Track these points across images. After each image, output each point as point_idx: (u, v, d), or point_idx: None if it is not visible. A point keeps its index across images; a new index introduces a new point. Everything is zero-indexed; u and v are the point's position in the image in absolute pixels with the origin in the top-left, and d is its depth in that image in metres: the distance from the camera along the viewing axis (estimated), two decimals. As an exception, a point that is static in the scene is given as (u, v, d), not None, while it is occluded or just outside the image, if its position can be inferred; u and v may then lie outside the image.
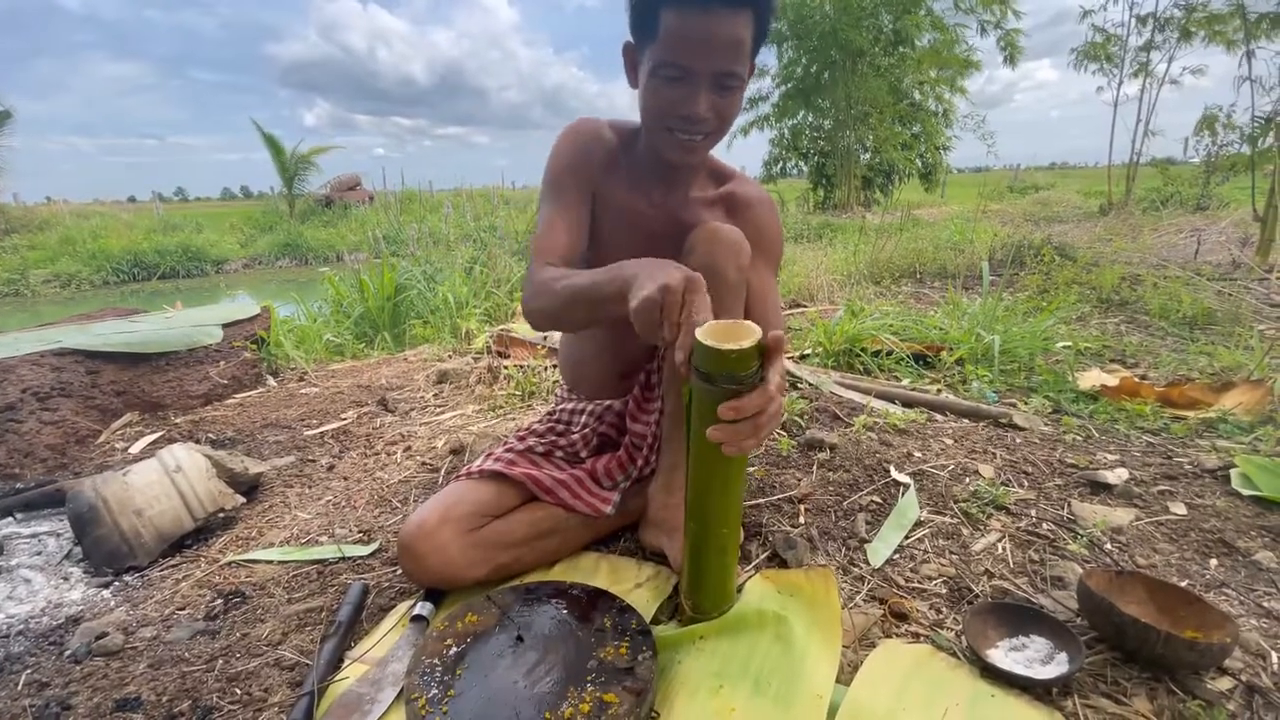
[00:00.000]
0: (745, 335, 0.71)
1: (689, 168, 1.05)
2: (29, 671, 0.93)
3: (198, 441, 1.75)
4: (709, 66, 0.90)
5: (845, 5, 10.22)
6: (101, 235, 10.78)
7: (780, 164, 13.10)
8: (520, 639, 0.86)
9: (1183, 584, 0.97)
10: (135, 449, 1.74)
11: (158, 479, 1.26)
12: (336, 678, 0.85)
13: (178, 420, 1.96)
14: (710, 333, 0.72)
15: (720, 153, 1.14)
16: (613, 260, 1.09)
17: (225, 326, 2.37)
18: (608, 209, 1.08)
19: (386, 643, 0.91)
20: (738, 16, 0.88)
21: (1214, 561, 1.05)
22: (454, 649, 0.85)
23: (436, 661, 0.82)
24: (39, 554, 1.25)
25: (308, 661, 0.90)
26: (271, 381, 2.39)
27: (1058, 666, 0.81)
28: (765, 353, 0.72)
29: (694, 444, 0.81)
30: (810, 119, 12.64)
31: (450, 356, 2.57)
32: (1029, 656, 0.83)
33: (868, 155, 12.18)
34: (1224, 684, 0.79)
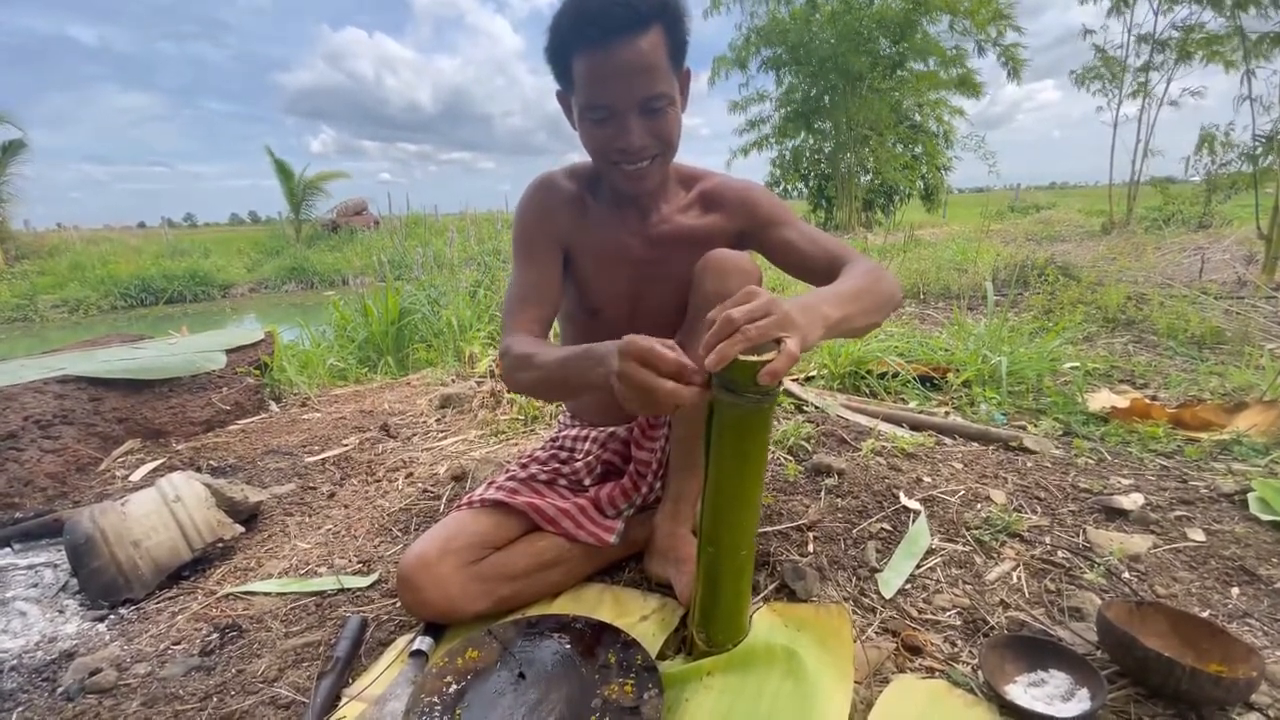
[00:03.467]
0: (765, 348, 0.70)
1: (647, 194, 1.04)
2: (21, 709, 0.91)
3: (198, 469, 1.73)
4: (630, 98, 0.89)
5: (845, 31, 10.37)
6: (110, 261, 10.91)
7: (781, 185, 13.20)
8: (522, 676, 0.84)
9: (1205, 614, 0.95)
10: (136, 477, 1.73)
11: (156, 509, 1.24)
12: (333, 717, 0.83)
13: (179, 447, 1.95)
14: None
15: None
16: (606, 298, 1.07)
17: (229, 352, 2.37)
18: (587, 252, 1.08)
19: (385, 679, 0.89)
20: (644, 39, 0.86)
21: (1235, 590, 1.02)
22: (454, 686, 0.82)
23: (436, 700, 0.80)
24: (35, 586, 1.24)
25: (304, 700, 0.87)
26: (274, 407, 2.39)
27: (1079, 704, 0.78)
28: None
29: (713, 460, 0.80)
30: (810, 141, 12.76)
31: (453, 380, 2.57)
32: (1049, 693, 0.80)
33: (868, 177, 12.27)
34: (1252, 720, 0.76)
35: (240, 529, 1.34)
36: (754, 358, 0.68)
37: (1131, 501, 1.25)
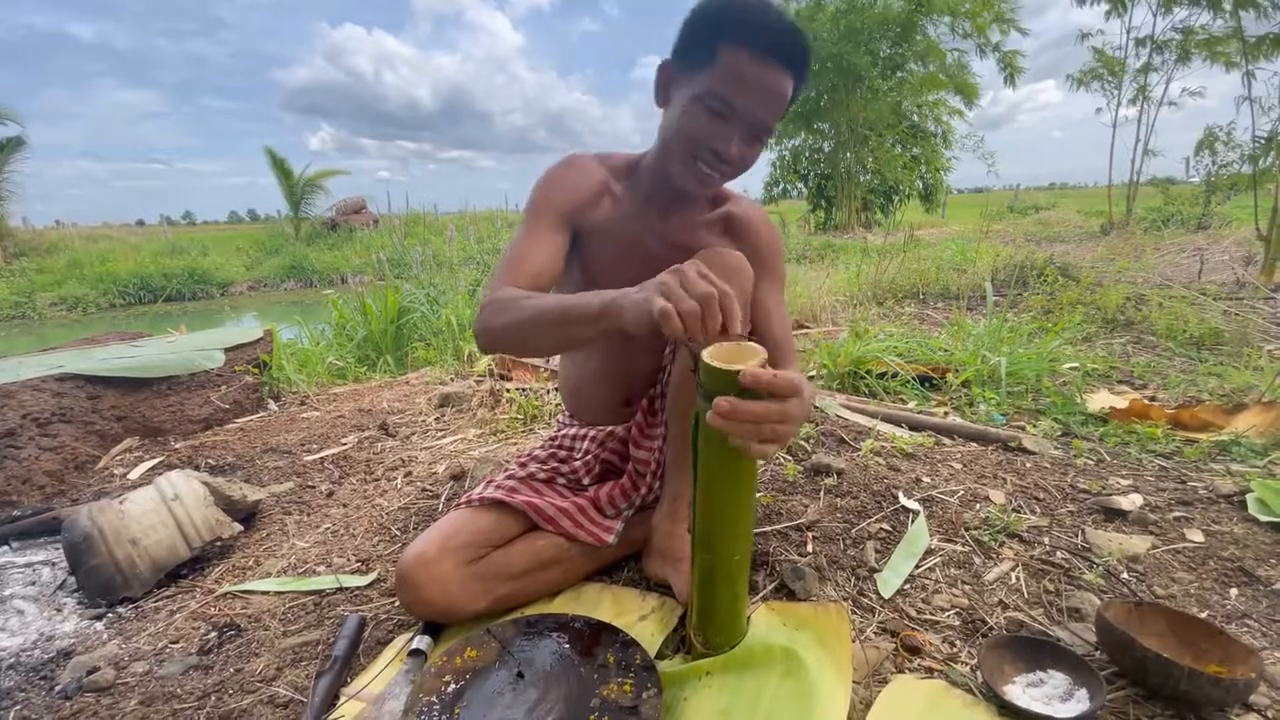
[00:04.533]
0: (750, 356, 0.70)
1: (694, 197, 1.05)
2: (18, 708, 0.90)
3: (197, 467, 1.73)
4: (753, 112, 0.92)
5: (848, 29, 10.38)
6: (109, 259, 10.89)
7: (780, 185, 13.21)
8: (521, 675, 0.84)
9: (1203, 615, 0.95)
10: (134, 475, 1.72)
11: (154, 507, 1.24)
12: (332, 716, 0.83)
13: (178, 445, 1.94)
14: (715, 354, 0.70)
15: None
16: (609, 286, 1.08)
17: (227, 350, 2.37)
18: (601, 240, 1.07)
19: (384, 679, 0.89)
20: (790, 79, 0.91)
21: (1234, 591, 1.02)
22: (453, 686, 0.82)
23: (435, 699, 0.80)
24: (33, 584, 1.23)
25: (302, 699, 0.87)
26: (273, 405, 2.38)
27: (1078, 704, 0.78)
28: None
29: (702, 469, 0.80)
30: (810, 141, 12.77)
31: (452, 379, 2.56)
32: (1047, 693, 0.80)
33: (868, 177, 12.28)
34: (1250, 721, 0.76)
35: (239, 527, 1.34)
36: (735, 365, 0.68)
37: (1130, 502, 1.25)
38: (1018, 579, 1.05)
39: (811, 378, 2.23)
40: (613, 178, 1.08)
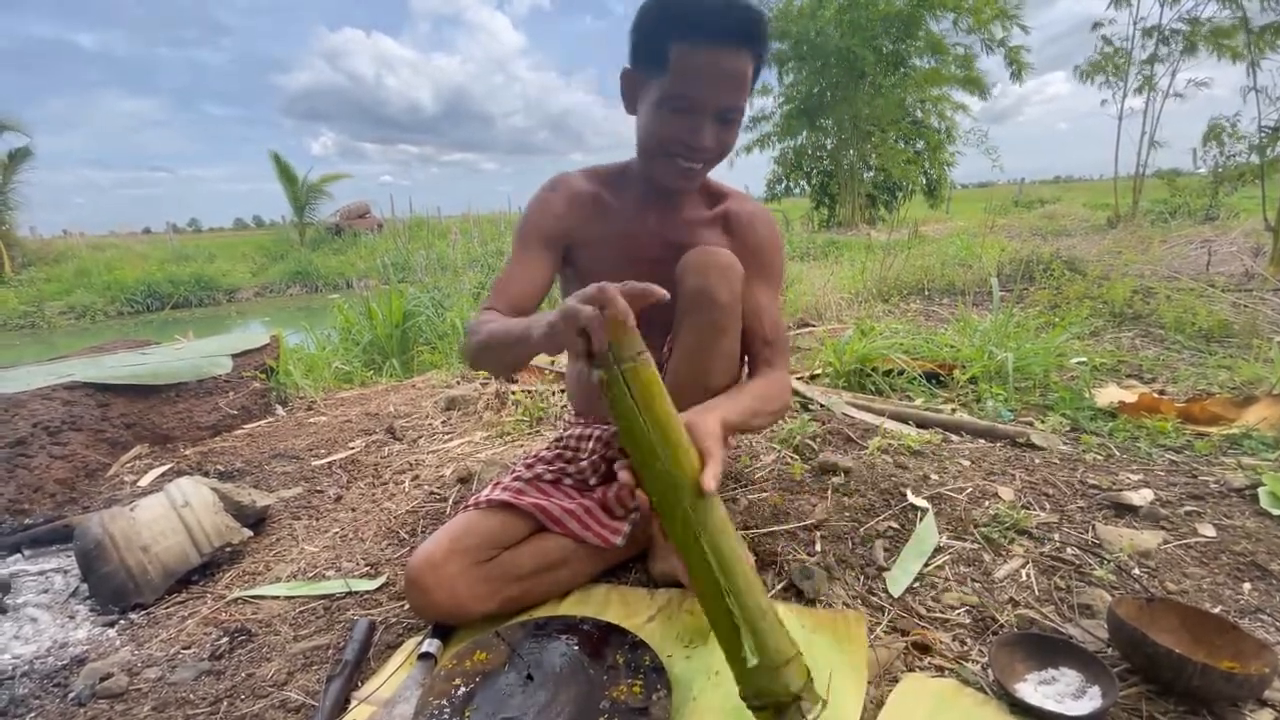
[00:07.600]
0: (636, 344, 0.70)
1: (684, 192, 1.06)
2: (33, 715, 0.91)
3: (206, 474, 1.74)
4: (716, 100, 0.93)
5: (854, 24, 10.33)
6: (116, 267, 10.97)
7: (783, 183, 13.18)
8: (530, 678, 0.84)
9: (1216, 610, 0.94)
10: (144, 482, 1.74)
11: (164, 514, 1.25)
12: (342, 720, 0.83)
13: (187, 452, 1.95)
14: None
15: (723, 171, 1.14)
16: None
17: (235, 356, 2.38)
18: (598, 246, 1.09)
19: (393, 682, 0.89)
20: (745, 54, 0.91)
21: (1247, 586, 1.01)
22: (462, 689, 0.82)
23: (445, 703, 0.80)
24: (46, 592, 1.24)
25: (314, 703, 0.87)
26: (280, 411, 2.39)
27: (1090, 701, 0.77)
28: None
29: (624, 429, 0.72)
30: (813, 138, 12.73)
31: (458, 383, 2.57)
32: (1060, 691, 0.80)
33: (871, 173, 12.24)
34: (1264, 716, 0.75)
35: (248, 533, 1.35)
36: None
37: (1141, 497, 1.24)
38: (1028, 576, 1.05)
39: (816, 376, 2.23)
40: (603, 188, 1.10)
